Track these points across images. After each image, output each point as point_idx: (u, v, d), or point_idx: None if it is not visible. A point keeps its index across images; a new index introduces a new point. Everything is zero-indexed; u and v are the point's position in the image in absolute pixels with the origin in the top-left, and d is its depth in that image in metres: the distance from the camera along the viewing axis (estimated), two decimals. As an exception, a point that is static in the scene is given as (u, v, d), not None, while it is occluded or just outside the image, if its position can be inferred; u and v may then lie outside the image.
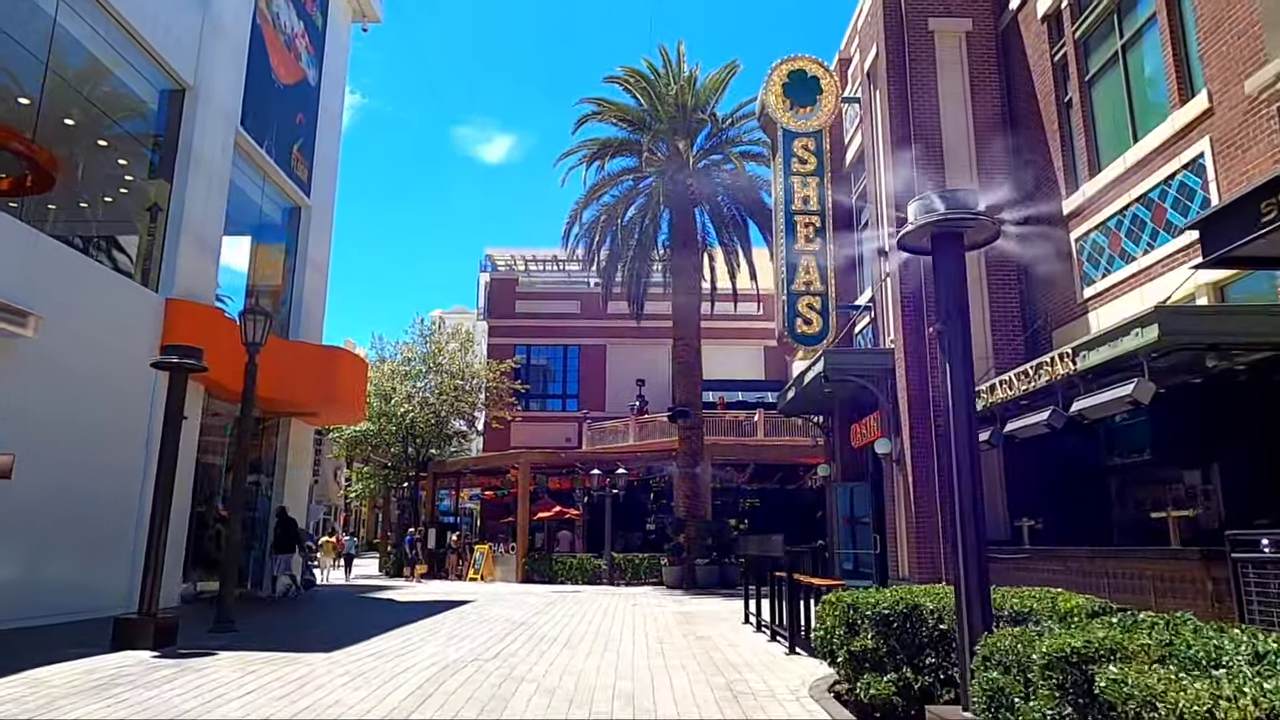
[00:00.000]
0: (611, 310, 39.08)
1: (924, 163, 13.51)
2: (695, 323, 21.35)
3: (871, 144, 15.05)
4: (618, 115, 21.46)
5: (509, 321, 38.36)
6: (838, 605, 5.65)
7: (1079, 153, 11.88)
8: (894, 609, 5.08)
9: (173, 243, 12.94)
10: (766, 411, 30.50)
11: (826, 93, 16.54)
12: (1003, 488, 12.45)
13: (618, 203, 21.57)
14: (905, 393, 13.02)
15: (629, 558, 22.88)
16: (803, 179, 16.20)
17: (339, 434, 29.51)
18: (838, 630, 5.48)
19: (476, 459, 29.45)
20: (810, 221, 16.00)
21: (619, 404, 36.51)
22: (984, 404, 11.17)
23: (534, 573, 23.47)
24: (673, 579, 19.86)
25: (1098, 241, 11.29)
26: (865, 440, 16.06)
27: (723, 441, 24.53)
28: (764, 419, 29.93)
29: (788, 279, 15.78)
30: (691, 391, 21.07)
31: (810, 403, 17.15)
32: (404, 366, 30.24)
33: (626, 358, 38.20)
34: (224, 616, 9.63)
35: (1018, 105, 13.58)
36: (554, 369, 39.02)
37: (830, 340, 15.67)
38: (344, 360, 16.10)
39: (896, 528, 13.38)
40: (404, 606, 14.33)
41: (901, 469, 13.24)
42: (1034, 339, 12.77)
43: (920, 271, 13.09)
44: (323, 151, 18.45)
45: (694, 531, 20.30)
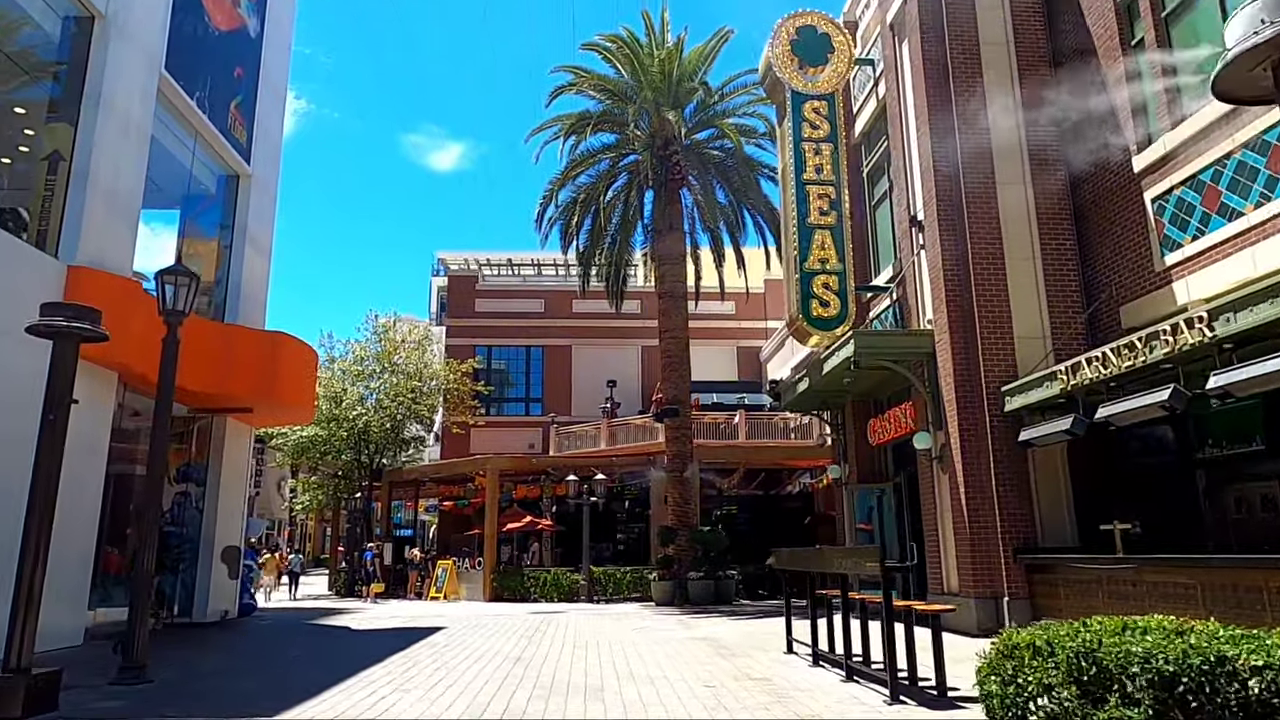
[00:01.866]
0: (578, 309, 37.27)
1: (964, 118, 11.88)
2: (683, 313, 19.49)
3: (898, 103, 13.39)
4: (597, 86, 19.52)
5: (468, 321, 36.03)
6: (1050, 651, 3.79)
7: (1154, 101, 10.34)
8: (1183, 664, 3.22)
9: (77, 199, 10.60)
10: (749, 412, 28.88)
11: (839, 52, 14.88)
12: (1068, 486, 10.81)
13: (597, 182, 19.61)
14: (951, 378, 11.31)
15: (609, 571, 20.84)
16: (815, 146, 14.48)
17: (283, 440, 26.90)
18: (1063, 694, 3.60)
19: (438, 466, 27.12)
20: (824, 193, 14.28)
21: (586, 407, 34.46)
22: (1061, 387, 9.51)
23: (503, 590, 21.27)
24: (663, 595, 17.89)
25: (1185, 199, 9.73)
26: (886, 437, 14.34)
27: (708, 444, 22.69)
28: (745, 420, 28.24)
29: (801, 256, 14.02)
30: (680, 388, 19.19)
31: (820, 397, 15.40)
32: (356, 366, 27.77)
33: (594, 359, 36.21)
34: (131, 662, 7.39)
35: (1066, 58, 12.04)
36: (515, 371, 36.82)
37: (848, 324, 13.94)
38: (289, 348, 13.78)
39: (941, 535, 11.65)
40: (364, 638, 12.11)
41: (945, 466, 11.53)
42: (1094, 317, 11.19)
43: (966, 239, 11.44)
44: (265, 114, 16.13)
45: (685, 542, 18.37)
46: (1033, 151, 11.83)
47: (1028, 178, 11.75)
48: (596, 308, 37.16)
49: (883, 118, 15.19)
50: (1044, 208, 11.63)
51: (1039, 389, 9.98)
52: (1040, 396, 9.96)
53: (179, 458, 14.29)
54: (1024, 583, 10.41)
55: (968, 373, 11.26)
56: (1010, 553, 10.47)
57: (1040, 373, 10.10)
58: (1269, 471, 8.77)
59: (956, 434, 11.16)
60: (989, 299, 11.24)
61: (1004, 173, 11.71)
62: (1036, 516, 10.67)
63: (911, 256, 12.77)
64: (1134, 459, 10.75)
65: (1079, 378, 9.17)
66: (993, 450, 10.78)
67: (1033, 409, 10.41)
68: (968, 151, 11.73)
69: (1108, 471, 10.78)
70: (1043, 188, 11.70)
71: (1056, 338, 11.20)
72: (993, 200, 11.60)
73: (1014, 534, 10.54)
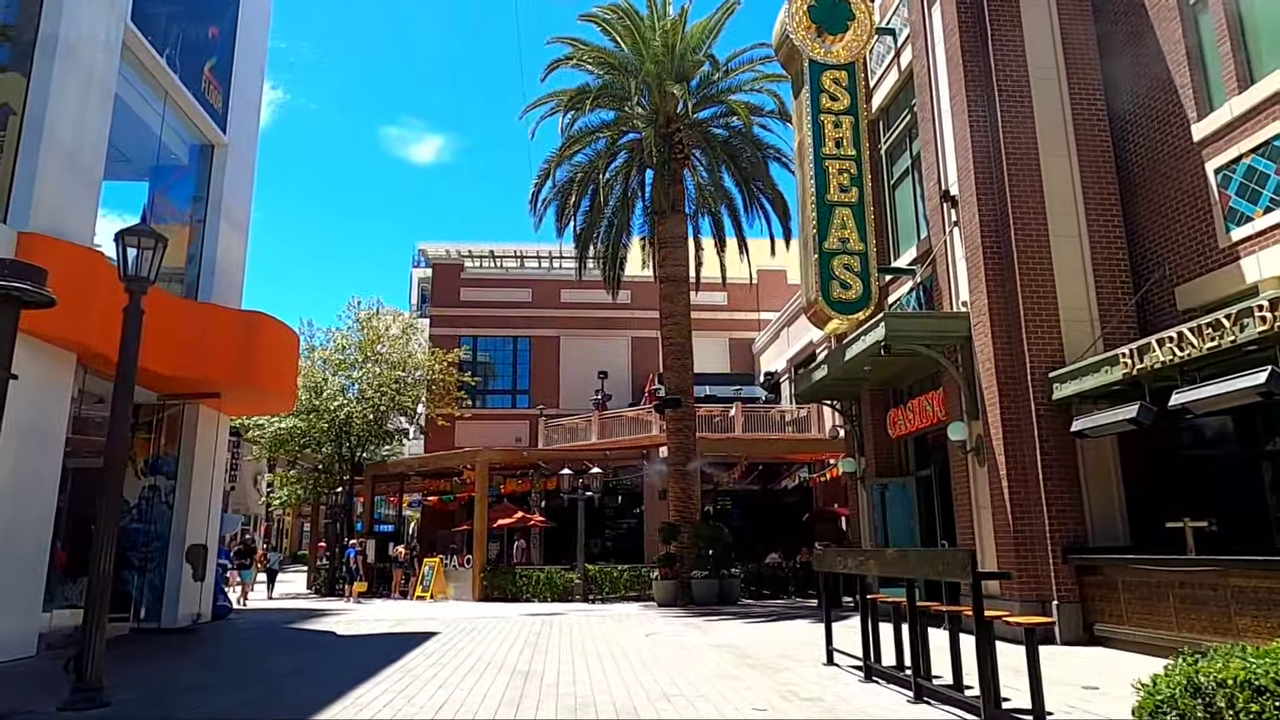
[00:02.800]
0: (567, 299, 36.27)
1: (1006, 86, 11.03)
2: (686, 298, 18.57)
3: (927, 71, 12.52)
4: (596, 59, 18.50)
5: (453, 310, 34.90)
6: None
7: (1218, 63, 9.52)
8: None
9: (30, 159, 9.48)
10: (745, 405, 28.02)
11: (859, 20, 13.99)
12: (1119, 481, 10.00)
13: (595, 160, 18.60)
14: (992, 363, 10.47)
15: (604, 570, 19.90)
16: (834, 119, 13.59)
17: (260, 432, 25.68)
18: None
19: (424, 459, 26.02)
20: (845, 168, 13.40)
21: (574, 400, 33.48)
22: (1125, 372, 8.67)
23: (494, 589, 20.27)
24: (665, 595, 16.98)
25: (1256, 168, 8.93)
26: (909, 428, 13.53)
27: (705, 438, 21.77)
28: (741, 413, 27.39)
29: (820, 235, 13.13)
30: (683, 378, 18.27)
31: (836, 387, 14.55)
32: (337, 355, 26.58)
33: (583, 350, 35.24)
34: (85, 684, 6.35)
35: (1113, 20, 11.23)
36: (502, 362, 35.77)
37: (870, 308, 13.08)
38: (268, 329, 12.68)
39: (977, 532, 10.82)
40: (351, 645, 11.09)
41: (982, 459, 10.70)
42: (1144, 300, 10.39)
43: (1008, 213, 10.59)
44: (243, 79, 14.97)
45: (688, 539, 17.47)
46: (1078, 121, 11.01)
47: (1072, 149, 10.92)
48: (585, 297, 36.24)
49: (904, 91, 14.35)
50: (1090, 181, 10.82)
51: (1095, 374, 9.15)
52: (1098, 383, 9.13)
53: (147, 448, 13.18)
54: (1074, 585, 9.60)
55: (1010, 358, 10.42)
56: (1059, 552, 9.65)
57: (1097, 356, 9.27)
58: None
59: (999, 423, 10.32)
60: (1033, 279, 10.41)
61: (1047, 143, 10.88)
62: (1087, 513, 9.86)
63: (943, 234, 11.92)
64: (1186, 451, 9.95)
65: (1147, 361, 8.35)
66: (1039, 441, 9.95)
67: (1086, 396, 9.59)
68: (1009, 120, 10.88)
69: (1159, 465, 9.99)
70: (1089, 159, 10.88)
71: (1105, 321, 10.38)
72: (1036, 172, 10.76)
73: (1063, 532, 9.73)
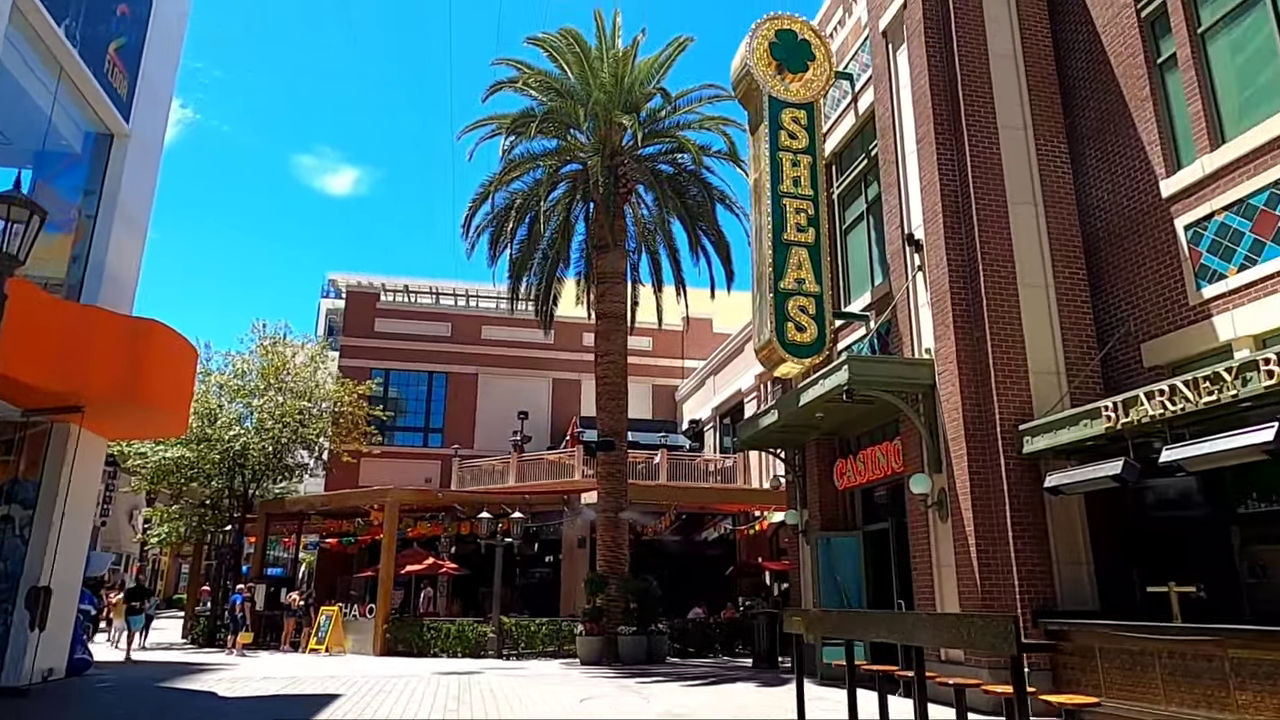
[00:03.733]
0: (488, 335, 35.06)
1: (975, 131, 10.83)
2: (623, 336, 17.77)
3: (891, 115, 12.29)
4: (542, 84, 17.79)
5: (366, 341, 33.18)
6: None
7: (1188, 120, 9.51)
8: None
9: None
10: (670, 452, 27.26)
11: (819, 61, 13.76)
12: (1087, 541, 9.60)
13: (535, 188, 17.77)
14: (959, 413, 10.01)
15: (521, 623, 18.50)
16: (793, 157, 13.21)
17: (142, 461, 23.26)
18: None
19: (326, 497, 24.05)
20: (803, 207, 12.98)
21: (490, 441, 32.11)
22: (1108, 426, 8.29)
23: (398, 642, 18.56)
24: (589, 652, 15.76)
25: (1229, 225, 8.84)
26: (858, 480, 12.98)
27: (636, 484, 20.81)
28: (667, 460, 26.61)
29: (776, 275, 12.60)
30: (617, 420, 17.35)
31: (784, 433, 13.92)
32: (236, 381, 24.51)
33: (502, 389, 34.00)
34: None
35: (1076, 74, 11.25)
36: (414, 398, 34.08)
37: (825, 353, 12.58)
38: (160, 339, 11.10)
39: (938, 592, 10.22)
40: (237, 711, 9.52)
41: (945, 514, 10.16)
42: (1109, 355, 10.18)
43: (977, 261, 10.27)
44: (153, 66, 13.54)
45: (616, 591, 16.37)
46: (1044, 173, 10.88)
47: (1039, 199, 10.76)
48: (507, 334, 35.13)
49: (860, 135, 14.18)
50: (1056, 233, 10.65)
51: (1073, 428, 8.76)
52: (1075, 437, 8.74)
53: (5, 472, 11.32)
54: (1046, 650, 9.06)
55: (979, 409, 9.99)
56: (1029, 616, 9.11)
57: (1074, 409, 8.90)
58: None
59: (966, 477, 9.81)
60: (1003, 328, 10.07)
61: (1014, 192, 10.69)
62: (1055, 575, 9.39)
63: (905, 279, 11.55)
64: (1152, 512, 9.66)
65: (1134, 415, 7.97)
66: (1009, 497, 9.48)
67: (1059, 451, 9.20)
68: (978, 164, 10.66)
69: (1127, 526, 9.66)
70: (1055, 211, 10.74)
71: (1072, 375, 10.10)
72: (1004, 219, 10.53)
73: (1033, 594, 9.21)
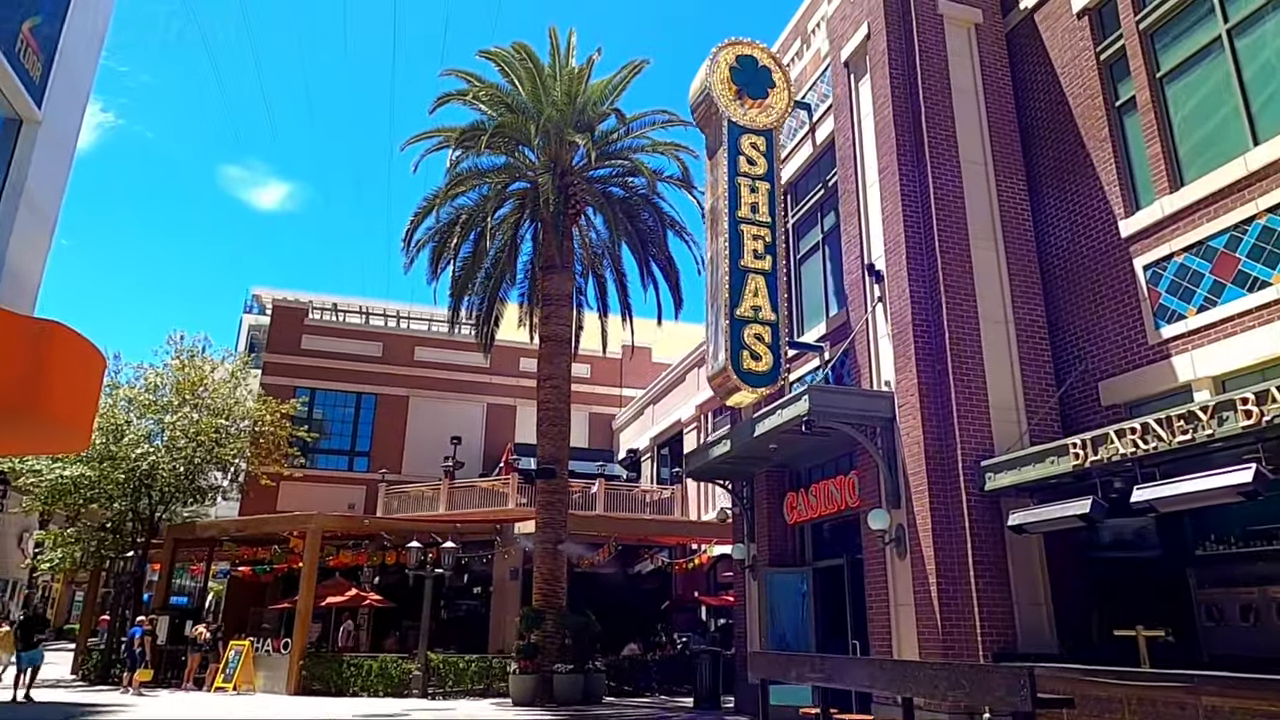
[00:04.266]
0: (420, 357, 33.97)
1: (939, 163, 10.78)
2: (567, 360, 17.21)
3: (851, 145, 12.20)
4: (492, 98, 17.28)
5: (291, 358, 31.77)
6: None
7: (1146, 163, 9.61)
8: None
9: None
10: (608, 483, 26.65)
11: (779, 89, 13.66)
12: (1046, 582, 9.43)
13: (482, 203, 17.18)
14: (920, 447, 9.78)
15: (449, 660, 17.51)
16: (751, 184, 13.00)
17: (36, 480, 21.43)
18: None
19: (242, 522, 22.56)
20: (760, 234, 12.75)
21: (420, 466, 30.96)
22: (1075, 463, 8.14)
23: (314, 680, 17.32)
24: (523, 691, 14.93)
25: (1189, 267, 8.90)
26: (810, 514, 12.68)
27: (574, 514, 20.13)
28: (604, 490, 25.98)
29: (732, 302, 12.29)
30: (559, 446, 16.72)
31: (735, 464, 13.53)
32: (147, 395, 22.92)
33: (433, 413, 32.94)
34: None
35: (1035, 115, 11.36)
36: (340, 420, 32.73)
37: (779, 383, 12.28)
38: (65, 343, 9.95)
39: (895, 633, 9.90)
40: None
41: (904, 551, 9.89)
42: (1067, 394, 10.14)
43: (940, 293, 10.14)
44: (72, 50, 12.35)
45: (552, 627, 15.61)
46: (1004, 210, 10.89)
47: (999, 237, 10.75)
48: (441, 356, 34.12)
49: (817, 165, 14.11)
50: (1016, 270, 10.63)
51: (1039, 465, 8.60)
52: (1040, 474, 8.58)
53: None
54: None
55: (940, 443, 9.78)
56: (990, 659, 8.85)
57: (1040, 446, 8.75)
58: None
59: (927, 513, 9.57)
60: (965, 362, 9.93)
61: (976, 230, 10.65)
62: (1016, 615, 9.18)
63: (864, 311, 11.36)
64: (1108, 552, 9.60)
65: (1103, 453, 7.84)
66: (971, 535, 9.26)
67: (1023, 489, 9.04)
68: (941, 196, 10.60)
69: (1083, 567, 9.55)
70: (1014, 250, 10.73)
71: (1031, 412, 10.01)
72: (966, 254, 10.46)
73: (994, 635, 8.97)
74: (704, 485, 24.87)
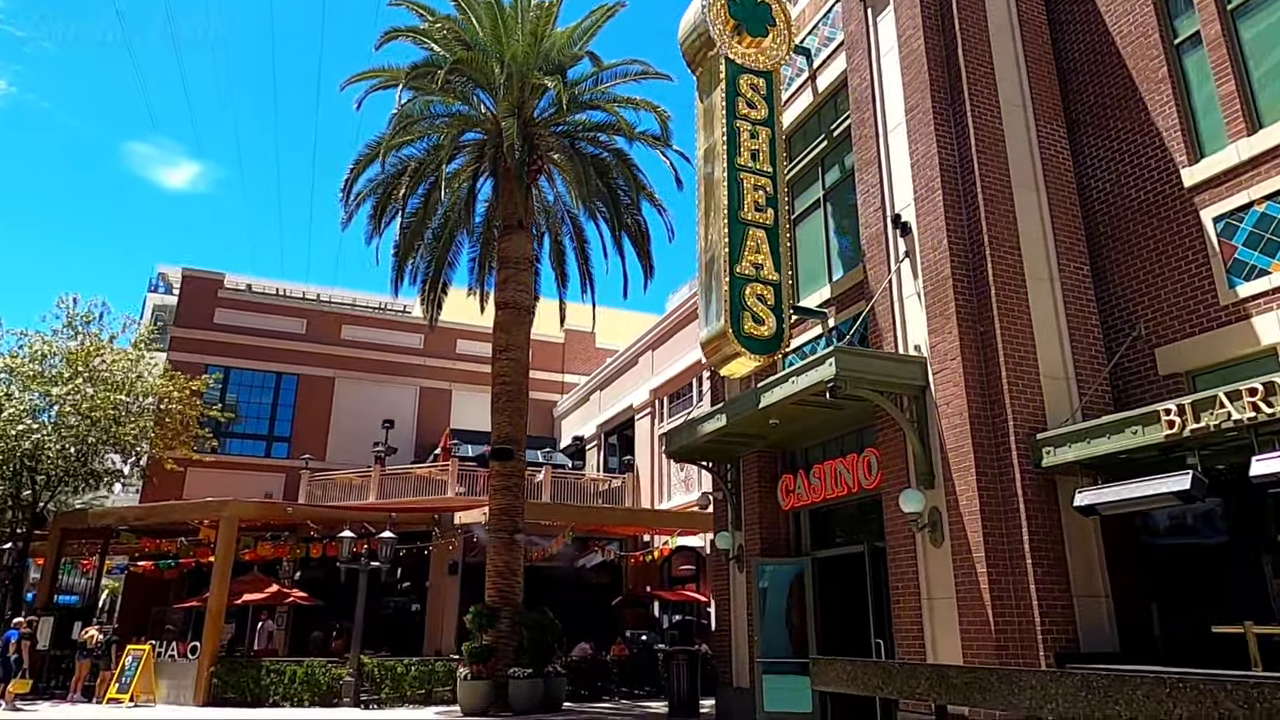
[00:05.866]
0: (348, 335, 31.52)
1: (979, 98, 9.58)
2: (526, 331, 15.48)
3: (871, 85, 10.91)
4: (447, 36, 15.36)
5: (203, 333, 29.01)
6: None
7: (1217, 104, 8.59)
8: None
9: None
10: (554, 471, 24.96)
11: (779, 28, 12.29)
12: (1104, 571, 8.30)
13: (434, 153, 15.28)
14: (963, 417, 8.53)
15: (385, 664, 15.57)
16: (751, 128, 11.61)
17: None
18: None
19: (145, 510, 19.94)
20: (761, 184, 11.37)
21: (346, 453, 28.70)
22: (1169, 433, 6.98)
23: (227, 689, 15.14)
24: (474, 699, 13.17)
25: (1273, 216, 7.88)
26: (811, 499, 11.36)
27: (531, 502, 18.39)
28: (551, 478, 24.31)
29: (731, 257, 10.87)
30: (516, 424, 14.99)
31: (721, 444, 12.10)
32: (32, 365, 20.11)
33: (361, 396, 30.60)
34: None
35: (1072, 55, 10.28)
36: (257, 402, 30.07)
37: (782, 352, 10.92)
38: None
39: (928, 632, 8.64)
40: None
41: (941, 538, 8.63)
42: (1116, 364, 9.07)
43: (983, 245, 8.93)
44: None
45: (508, 626, 13.90)
46: (1045, 155, 9.77)
47: (1040, 183, 9.62)
48: (371, 335, 31.74)
49: (818, 115, 12.82)
50: (1060, 224, 9.51)
51: (1116, 436, 7.42)
52: (1116, 447, 7.40)
53: None
54: (1071, 703, 7.61)
55: (987, 415, 8.56)
56: (1054, 661, 7.66)
57: (1118, 415, 7.57)
58: None
59: (973, 493, 8.32)
60: (1014, 323, 8.73)
61: (1018, 174, 9.49)
62: (1075, 611, 8.02)
63: (886, 268, 10.08)
64: (1162, 538, 8.56)
65: (1207, 420, 6.69)
66: (1027, 519, 8.05)
67: (1089, 465, 7.88)
68: (983, 139, 9.39)
69: (1140, 553, 8.48)
70: (1057, 200, 9.61)
71: (1082, 382, 8.90)
72: (1009, 202, 9.27)
73: (1055, 633, 7.78)
74: (659, 473, 23.50)
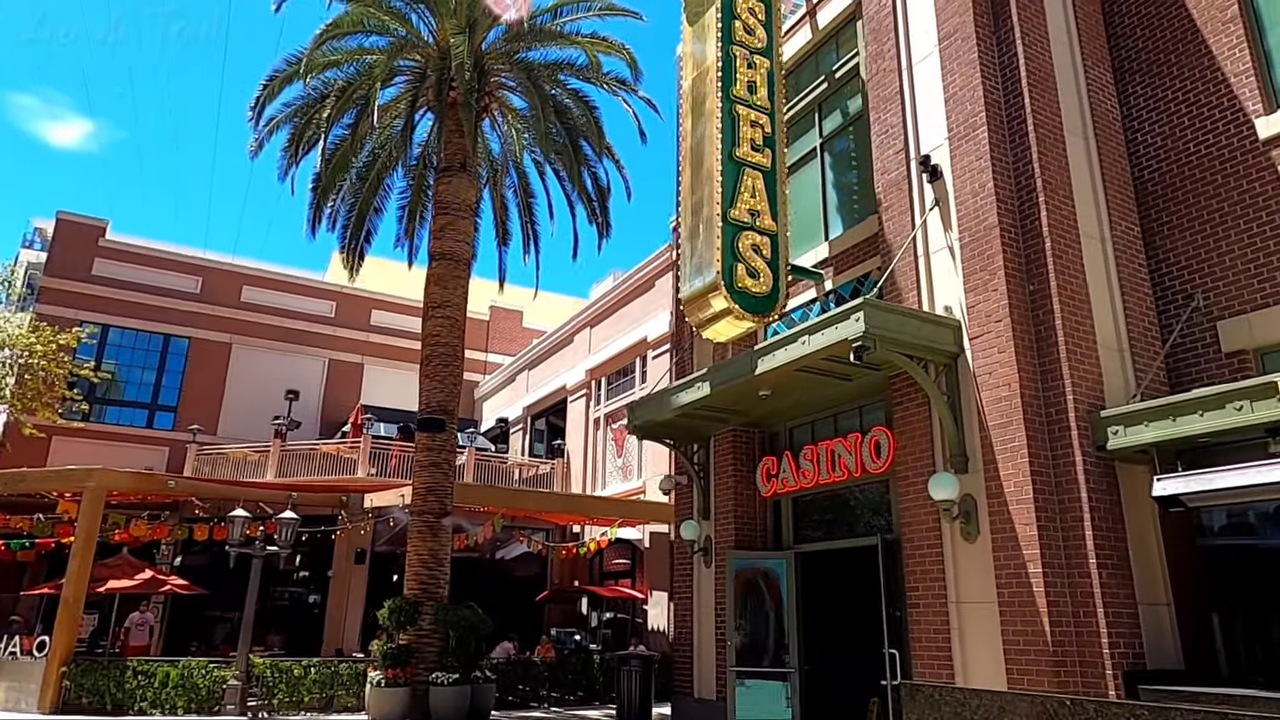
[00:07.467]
0: (249, 298, 28.54)
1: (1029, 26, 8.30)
2: (464, 286, 13.49)
3: (892, 13, 9.52)
4: (386, -61, 13.29)
5: (79, 285, 25.62)
6: None
7: (1296, 46, 7.55)
8: None
9: None
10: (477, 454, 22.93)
11: (780, -49, 10.81)
12: (1165, 573, 7.11)
13: (366, 73, 13.15)
14: (1013, 388, 7.21)
15: (279, 665, 13.34)
16: (748, 57, 10.07)
17: None
18: None
19: (-5, 478, 16.86)
20: (759, 120, 9.84)
21: (242, 426, 25.87)
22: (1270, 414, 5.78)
23: (84, 693, 12.63)
24: (390, 708, 11.17)
25: (1374, 170, 6.86)
26: (796, 484, 9.88)
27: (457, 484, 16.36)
28: (473, 460, 22.30)
29: (725, 201, 9.31)
30: (449, 392, 13.00)
31: (691, 419, 10.52)
32: None
33: (260, 364, 27.72)
34: None
35: None
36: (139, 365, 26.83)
37: (777, 313, 9.42)
38: None
39: (956, 639, 7.29)
40: None
41: (975, 532, 7.29)
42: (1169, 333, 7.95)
43: (1036, 191, 7.63)
44: None
45: (430, 624, 11.96)
46: (1093, 101, 8.58)
47: (1089, 131, 8.42)
48: (275, 300, 28.82)
49: (815, 55, 11.41)
50: (1110, 175, 8.34)
51: (1211, 414, 6.21)
52: (1211, 427, 6.20)
53: None
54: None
55: (1039, 387, 7.26)
56: (1121, 679, 6.39)
57: (1213, 389, 6.35)
58: None
59: (1024, 478, 6.99)
60: (1070, 281, 7.47)
61: (1068, 118, 8.27)
62: (1140, 620, 6.80)
63: (910, 219, 8.69)
64: (1217, 539, 7.46)
65: (1343, 393, 5.53)
66: (1090, 510, 6.78)
67: (1166, 448, 6.67)
68: (1034, 71, 8.11)
69: (1197, 557, 7.34)
70: (1107, 151, 8.43)
71: (1137, 355, 7.72)
72: (1061, 145, 8.03)
73: (1122, 648, 6.53)
74: (594, 460, 21.81)
